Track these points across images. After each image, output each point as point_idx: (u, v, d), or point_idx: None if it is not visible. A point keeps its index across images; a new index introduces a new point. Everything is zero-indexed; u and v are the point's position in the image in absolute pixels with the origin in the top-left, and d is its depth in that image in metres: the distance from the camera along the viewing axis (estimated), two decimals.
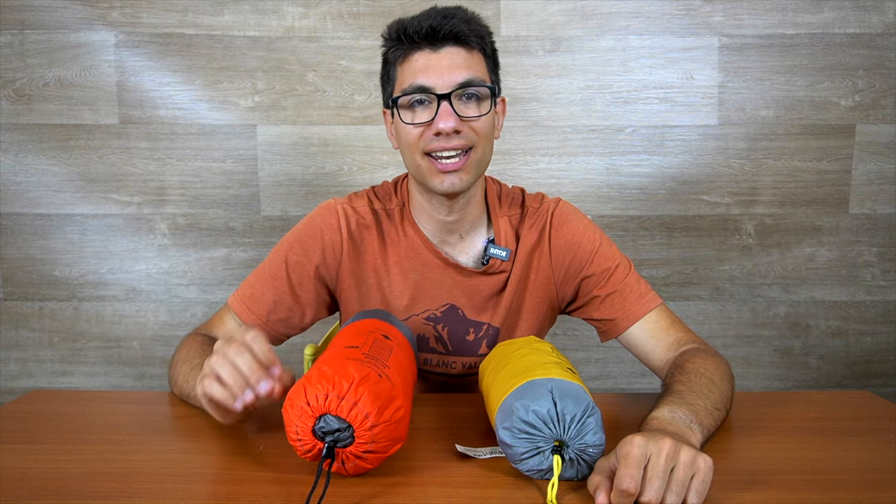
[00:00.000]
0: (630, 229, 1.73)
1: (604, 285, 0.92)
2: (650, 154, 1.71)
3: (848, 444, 0.69)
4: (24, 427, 0.74)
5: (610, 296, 0.91)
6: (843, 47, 1.67)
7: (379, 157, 1.70)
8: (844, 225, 1.73)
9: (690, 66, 1.68)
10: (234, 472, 0.62)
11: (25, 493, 0.57)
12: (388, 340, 0.69)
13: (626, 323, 0.90)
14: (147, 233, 1.72)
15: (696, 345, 0.85)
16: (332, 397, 0.56)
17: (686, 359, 0.80)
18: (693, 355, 0.81)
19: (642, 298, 0.90)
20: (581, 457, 0.57)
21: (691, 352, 0.83)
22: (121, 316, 1.74)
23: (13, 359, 1.76)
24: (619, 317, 0.90)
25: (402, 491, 0.58)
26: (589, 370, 1.77)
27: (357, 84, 1.68)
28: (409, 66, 0.84)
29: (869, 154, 1.70)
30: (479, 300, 0.95)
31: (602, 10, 1.66)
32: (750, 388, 1.77)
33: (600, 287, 0.92)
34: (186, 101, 1.67)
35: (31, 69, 1.66)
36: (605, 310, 0.92)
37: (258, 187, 1.71)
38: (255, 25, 1.66)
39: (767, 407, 0.81)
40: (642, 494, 0.53)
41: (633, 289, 0.91)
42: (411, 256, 0.94)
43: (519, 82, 1.68)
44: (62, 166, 1.69)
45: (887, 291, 1.75)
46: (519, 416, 0.57)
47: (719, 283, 1.75)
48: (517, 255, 0.94)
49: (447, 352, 0.96)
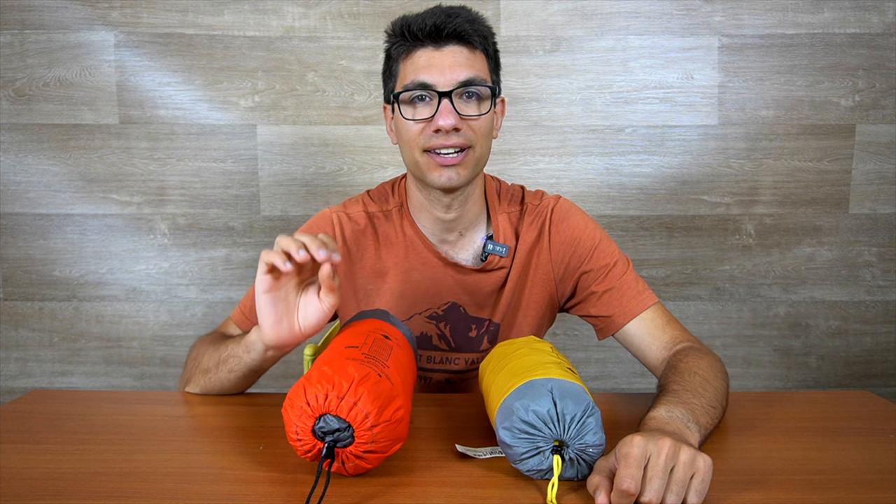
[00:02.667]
0: (630, 229, 1.73)
1: (601, 281, 0.92)
2: (650, 154, 1.71)
3: (848, 444, 0.69)
4: (24, 427, 0.74)
5: (607, 292, 0.91)
6: (843, 47, 1.67)
7: (379, 157, 1.70)
8: (844, 225, 1.73)
9: (690, 66, 1.68)
10: (234, 472, 0.62)
11: (25, 493, 0.57)
12: (388, 340, 0.69)
13: (623, 320, 0.90)
14: (147, 233, 1.72)
15: (690, 343, 0.86)
16: (331, 397, 0.56)
17: (679, 358, 0.80)
18: (686, 354, 0.81)
19: (639, 296, 0.90)
20: (581, 457, 0.57)
21: (685, 351, 0.83)
22: (121, 316, 1.74)
23: (13, 359, 1.76)
24: (615, 313, 0.91)
25: (402, 491, 0.58)
26: (589, 370, 1.77)
27: (357, 84, 1.68)
28: (411, 63, 0.85)
29: (869, 154, 1.70)
30: (480, 297, 0.95)
31: (602, 10, 1.66)
32: (750, 388, 1.77)
33: (598, 283, 0.92)
34: (186, 101, 1.67)
35: (31, 69, 1.66)
36: (602, 306, 0.92)
37: (258, 187, 1.71)
38: (255, 25, 1.66)
39: (767, 407, 0.81)
40: (642, 494, 0.53)
41: (631, 286, 0.91)
42: (411, 256, 0.94)
43: (519, 82, 1.68)
44: (62, 166, 1.69)
45: (887, 291, 1.75)
46: (519, 416, 0.57)
47: (719, 283, 1.75)
48: (517, 251, 0.94)
49: (450, 349, 0.96)
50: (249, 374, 0.82)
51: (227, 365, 0.81)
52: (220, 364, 0.82)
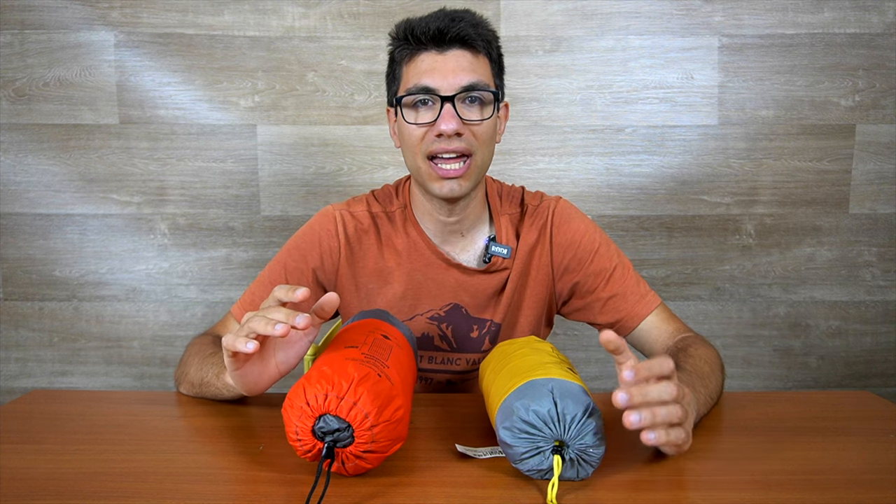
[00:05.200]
0: (630, 229, 1.73)
1: (604, 287, 0.93)
2: (650, 154, 1.71)
3: (848, 444, 0.69)
4: (24, 427, 0.74)
5: (612, 298, 0.93)
6: (843, 47, 1.67)
7: (379, 158, 1.70)
8: (844, 225, 1.73)
9: (690, 66, 1.68)
10: (234, 472, 0.62)
11: (25, 493, 0.57)
12: (387, 340, 0.69)
13: (631, 324, 0.93)
14: (147, 233, 1.72)
15: (692, 334, 0.90)
16: (331, 397, 0.56)
17: (688, 343, 0.84)
18: (694, 341, 0.85)
19: (643, 300, 0.92)
20: (581, 457, 0.57)
21: (691, 338, 0.87)
22: (121, 316, 1.74)
23: (13, 359, 1.76)
24: (622, 318, 0.93)
25: (402, 491, 0.58)
26: (589, 370, 1.77)
27: (357, 84, 1.68)
28: (414, 67, 0.85)
29: (869, 154, 1.70)
30: (482, 298, 0.95)
31: (602, 10, 1.66)
32: (750, 388, 1.77)
33: (601, 289, 0.93)
34: (186, 101, 1.67)
35: (31, 69, 1.66)
36: (608, 313, 0.93)
37: (258, 187, 1.71)
38: (255, 25, 1.66)
39: (767, 407, 0.81)
40: (647, 393, 0.55)
41: (633, 290, 0.93)
42: (414, 258, 0.94)
43: (519, 82, 1.68)
44: (62, 166, 1.69)
45: (887, 291, 1.75)
46: (519, 416, 0.57)
47: (719, 283, 1.75)
48: (517, 252, 0.95)
49: (452, 349, 0.97)
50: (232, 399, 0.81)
51: (209, 390, 0.81)
52: (202, 386, 0.82)
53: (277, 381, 0.71)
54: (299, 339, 0.69)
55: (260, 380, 0.70)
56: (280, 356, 0.69)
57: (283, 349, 0.69)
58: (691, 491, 0.58)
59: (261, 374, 0.69)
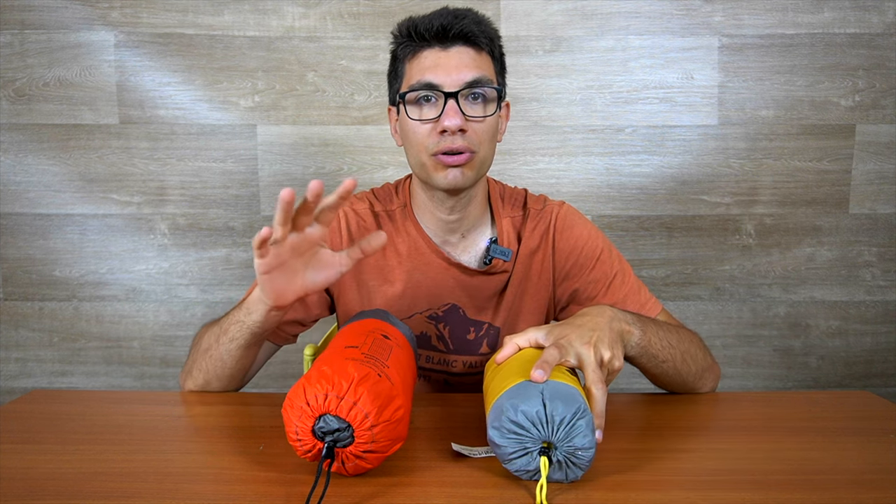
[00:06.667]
0: (630, 229, 1.73)
1: (604, 294, 0.93)
2: (650, 154, 1.71)
3: (848, 444, 0.69)
4: (24, 427, 0.74)
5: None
6: (843, 47, 1.67)
7: (379, 157, 1.70)
8: (844, 225, 1.73)
9: (690, 66, 1.68)
10: (234, 472, 0.62)
11: (25, 493, 0.57)
12: (387, 340, 0.69)
13: None
14: (147, 233, 1.72)
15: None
16: (331, 397, 0.56)
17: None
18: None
19: (643, 308, 0.93)
20: (570, 459, 0.57)
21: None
22: (121, 316, 1.74)
23: (13, 359, 1.76)
24: None
25: (402, 491, 0.58)
26: None
27: (357, 84, 1.68)
28: (418, 63, 0.85)
29: (869, 154, 1.70)
30: (481, 300, 0.95)
31: (602, 10, 1.66)
32: (750, 388, 1.77)
33: (602, 296, 0.93)
34: (186, 101, 1.67)
35: (31, 69, 1.66)
36: None
37: (258, 187, 1.71)
38: (255, 25, 1.66)
39: (767, 407, 0.81)
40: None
41: (634, 298, 0.93)
42: (414, 256, 0.94)
43: (519, 82, 1.68)
44: (62, 166, 1.69)
45: (887, 291, 1.75)
46: (507, 416, 0.57)
47: (719, 283, 1.75)
48: (518, 255, 0.94)
49: (448, 350, 0.96)
50: (252, 339, 0.81)
51: (229, 334, 0.81)
52: (220, 336, 0.82)
53: (302, 297, 0.72)
54: (332, 262, 0.70)
55: (287, 288, 0.70)
56: (310, 274, 0.70)
57: (314, 268, 0.70)
58: (691, 491, 0.57)
59: (288, 283, 0.70)
